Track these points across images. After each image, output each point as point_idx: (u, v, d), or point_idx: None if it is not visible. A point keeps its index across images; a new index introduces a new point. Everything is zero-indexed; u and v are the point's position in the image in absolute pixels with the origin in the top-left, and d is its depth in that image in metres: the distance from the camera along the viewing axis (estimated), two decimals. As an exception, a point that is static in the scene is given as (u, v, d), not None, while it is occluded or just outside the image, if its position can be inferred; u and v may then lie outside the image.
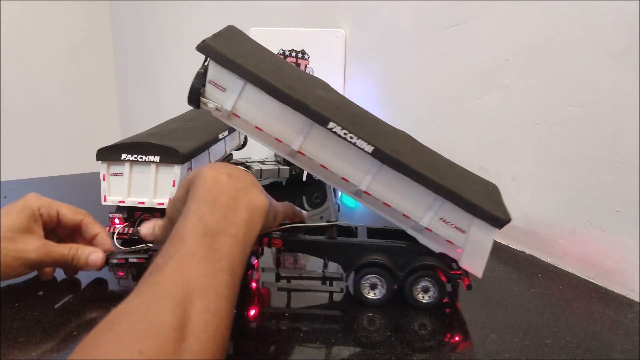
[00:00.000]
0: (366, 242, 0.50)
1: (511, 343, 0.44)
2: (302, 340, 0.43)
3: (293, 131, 0.46)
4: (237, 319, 0.44)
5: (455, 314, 0.48)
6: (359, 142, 0.45)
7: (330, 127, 0.45)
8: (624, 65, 0.52)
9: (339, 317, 0.47)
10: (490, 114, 0.71)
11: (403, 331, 0.45)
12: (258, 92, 0.45)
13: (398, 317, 0.47)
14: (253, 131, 0.48)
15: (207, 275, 0.32)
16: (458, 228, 0.47)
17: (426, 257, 0.49)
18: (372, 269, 0.48)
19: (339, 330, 0.45)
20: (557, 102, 0.60)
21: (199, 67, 0.47)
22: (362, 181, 0.47)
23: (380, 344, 0.43)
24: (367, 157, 0.45)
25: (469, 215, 0.46)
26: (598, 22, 0.55)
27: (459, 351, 0.43)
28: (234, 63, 0.45)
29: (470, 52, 0.73)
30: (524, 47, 0.64)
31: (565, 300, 0.53)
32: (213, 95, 0.47)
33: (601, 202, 0.56)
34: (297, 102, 0.45)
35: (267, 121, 0.47)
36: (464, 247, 0.47)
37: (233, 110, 0.47)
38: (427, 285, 0.48)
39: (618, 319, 0.49)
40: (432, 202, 0.46)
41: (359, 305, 0.49)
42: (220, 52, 0.45)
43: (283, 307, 0.49)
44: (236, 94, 0.46)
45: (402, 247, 0.49)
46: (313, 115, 0.45)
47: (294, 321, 0.46)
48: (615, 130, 0.54)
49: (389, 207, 0.48)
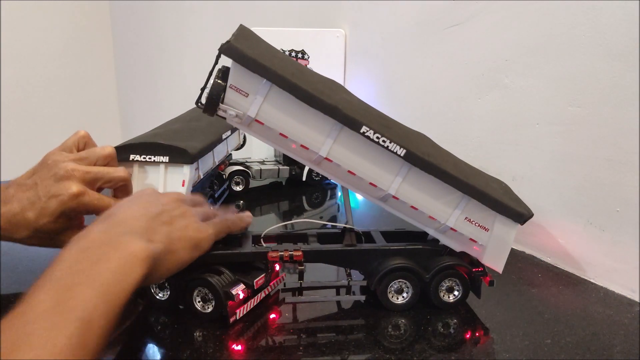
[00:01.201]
0: (389, 247, 0.49)
1: (511, 343, 0.44)
2: (326, 353, 0.42)
3: (321, 137, 0.44)
4: (260, 334, 0.44)
5: (468, 313, 0.48)
6: (391, 145, 0.43)
7: (362, 132, 0.43)
8: (624, 65, 0.52)
9: (362, 325, 0.47)
10: (490, 114, 0.71)
11: (424, 334, 0.45)
12: (285, 96, 0.42)
13: (420, 319, 0.47)
14: (276, 139, 0.45)
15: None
16: (482, 226, 0.47)
17: (448, 257, 0.49)
18: (398, 274, 0.47)
19: (365, 340, 0.44)
20: (557, 102, 0.60)
21: (213, 72, 0.44)
22: (391, 185, 0.46)
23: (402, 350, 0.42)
24: (396, 161, 0.45)
25: (493, 213, 0.46)
26: (598, 22, 0.55)
27: (458, 351, 0.43)
28: (262, 65, 0.41)
29: (470, 52, 0.73)
30: (524, 47, 0.64)
31: (565, 300, 0.53)
32: (234, 101, 0.43)
33: (601, 202, 0.56)
34: (328, 106, 0.43)
35: (294, 127, 0.44)
36: (487, 244, 0.48)
37: (256, 117, 0.44)
38: (451, 285, 0.48)
39: (618, 319, 0.49)
40: (458, 201, 0.46)
41: (376, 311, 0.48)
42: (246, 54, 0.41)
43: (305, 320, 0.47)
44: (261, 99, 0.43)
45: (426, 249, 0.49)
46: (344, 120, 0.43)
47: (315, 333, 0.45)
48: (615, 130, 0.54)
49: (415, 210, 0.47)
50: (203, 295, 0.45)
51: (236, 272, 0.46)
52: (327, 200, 0.91)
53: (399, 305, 0.48)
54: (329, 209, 0.87)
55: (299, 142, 0.45)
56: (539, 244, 0.64)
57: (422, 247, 0.49)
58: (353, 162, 0.45)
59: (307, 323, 0.47)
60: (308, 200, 0.90)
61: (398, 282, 0.48)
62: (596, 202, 0.56)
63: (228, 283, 0.45)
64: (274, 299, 0.50)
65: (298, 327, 0.46)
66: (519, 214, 0.46)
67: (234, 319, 0.45)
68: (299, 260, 0.47)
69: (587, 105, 0.57)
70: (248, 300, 0.46)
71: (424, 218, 0.48)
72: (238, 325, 0.45)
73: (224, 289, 0.44)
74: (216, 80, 0.43)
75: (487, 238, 0.47)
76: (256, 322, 0.46)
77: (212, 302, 0.45)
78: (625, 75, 0.52)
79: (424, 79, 0.84)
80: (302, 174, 0.93)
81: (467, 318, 0.48)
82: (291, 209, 0.89)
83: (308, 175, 0.94)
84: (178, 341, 0.43)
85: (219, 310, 0.44)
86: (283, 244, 0.50)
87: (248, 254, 0.47)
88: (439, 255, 0.49)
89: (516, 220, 0.46)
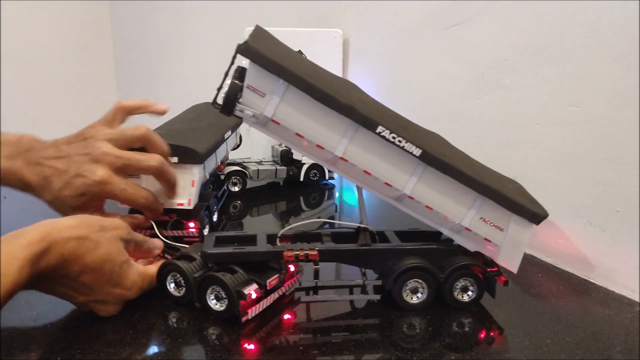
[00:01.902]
0: (405, 247, 0.49)
1: (511, 343, 0.44)
2: (341, 352, 0.42)
3: (337, 136, 0.44)
4: (274, 333, 0.44)
5: (479, 312, 0.48)
6: (407, 145, 0.44)
7: (378, 132, 0.43)
8: (624, 65, 0.52)
9: (376, 325, 0.47)
10: (490, 114, 0.71)
11: (440, 333, 0.45)
12: (301, 96, 0.43)
13: (434, 319, 0.47)
14: (292, 138, 0.45)
15: None
16: (496, 226, 0.47)
17: (463, 256, 0.49)
18: (413, 273, 0.47)
19: (379, 340, 0.44)
20: (557, 102, 0.60)
21: (229, 72, 0.44)
22: (407, 185, 0.46)
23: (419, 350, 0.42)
24: (412, 161, 0.45)
25: (508, 213, 0.46)
26: (598, 22, 0.54)
27: (457, 351, 0.43)
28: (279, 66, 0.42)
29: (470, 52, 0.73)
30: (524, 47, 0.64)
31: (565, 300, 0.53)
32: (251, 101, 0.43)
33: (601, 202, 0.56)
34: (344, 106, 0.43)
35: (310, 127, 0.44)
36: (502, 244, 0.48)
37: (273, 117, 0.44)
38: (465, 285, 0.48)
39: (618, 319, 0.49)
40: (473, 201, 0.47)
41: (391, 310, 0.48)
42: (264, 55, 0.42)
43: (320, 319, 0.47)
44: (277, 99, 0.43)
45: (440, 248, 0.49)
46: (361, 120, 0.43)
47: (330, 332, 0.45)
48: (615, 130, 0.54)
49: (430, 210, 0.47)
50: (216, 294, 0.45)
51: (250, 272, 0.46)
52: (324, 200, 0.91)
53: (414, 305, 0.48)
54: (326, 209, 0.87)
55: (314, 141, 0.45)
56: (539, 244, 0.64)
57: (436, 246, 0.49)
58: (368, 162, 0.45)
59: (321, 322, 0.47)
60: (306, 200, 0.90)
61: (413, 281, 0.48)
62: (596, 202, 0.56)
63: (241, 282, 0.45)
64: (289, 298, 0.50)
65: (313, 326, 0.46)
66: (534, 214, 0.46)
67: (246, 318, 0.45)
68: (314, 259, 0.47)
69: (587, 105, 0.57)
70: (260, 300, 0.46)
71: (438, 218, 0.48)
72: (252, 324, 0.45)
73: (237, 288, 0.44)
74: (234, 80, 0.43)
75: (502, 238, 0.48)
76: (270, 321, 0.46)
77: (224, 301, 0.45)
78: (625, 75, 0.52)
79: (424, 79, 0.84)
80: (300, 174, 0.93)
81: (466, 318, 0.48)
82: (289, 209, 0.89)
83: (305, 176, 0.94)
84: (189, 338, 0.43)
85: (232, 309, 0.44)
86: (297, 244, 0.50)
87: (263, 252, 0.47)
88: (454, 255, 0.49)
89: (531, 220, 0.47)
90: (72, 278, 0.41)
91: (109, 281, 0.42)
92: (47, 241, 0.38)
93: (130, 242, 0.47)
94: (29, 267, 0.36)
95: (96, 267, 0.41)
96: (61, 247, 0.39)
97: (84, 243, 0.41)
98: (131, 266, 0.45)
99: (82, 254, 0.40)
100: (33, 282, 0.38)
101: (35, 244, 0.37)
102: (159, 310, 0.47)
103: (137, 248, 0.48)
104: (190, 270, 0.46)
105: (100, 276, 0.42)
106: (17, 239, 0.37)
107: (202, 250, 0.47)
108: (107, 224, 0.44)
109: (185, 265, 0.47)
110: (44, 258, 0.38)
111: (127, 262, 0.44)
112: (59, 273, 0.40)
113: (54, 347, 0.41)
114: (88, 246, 0.41)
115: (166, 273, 0.48)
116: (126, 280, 0.44)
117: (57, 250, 0.39)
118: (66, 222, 0.41)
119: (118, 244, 0.44)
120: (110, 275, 0.42)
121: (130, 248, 0.47)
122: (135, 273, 0.45)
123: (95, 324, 0.44)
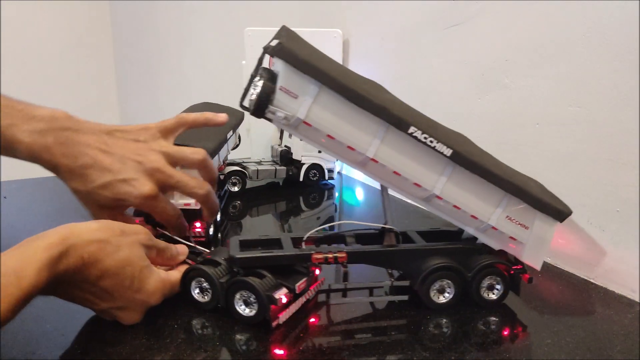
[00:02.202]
0: (432, 247, 0.49)
1: (511, 343, 0.44)
2: (370, 354, 0.42)
3: (369, 137, 0.44)
4: (302, 336, 0.44)
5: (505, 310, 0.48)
6: (438, 145, 0.44)
7: (410, 132, 0.43)
8: (624, 65, 0.52)
9: (404, 325, 0.46)
10: (490, 114, 0.71)
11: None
12: (334, 97, 0.42)
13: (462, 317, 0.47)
14: (323, 140, 0.45)
15: None
16: (522, 224, 0.48)
17: (487, 255, 0.49)
18: (442, 273, 0.47)
19: (407, 341, 0.44)
20: (557, 102, 0.60)
21: (256, 73, 0.43)
22: (436, 185, 0.46)
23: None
24: (442, 161, 0.45)
25: (533, 211, 0.47)
26: (598, 22, 0.54)
27: (457, 351, 0.42)
28: (313, 67, 0.41)
29: (470, 52, 0.73)
30: (524, 47, 0.64)
31: (565, 300, 0.53)
32: (284, 103, 0.42)
33: (601, 202, 0.56)
34: (377, 107, 0.43)
35: (342, 128, 0.44)
36: (526, 242, 0.48)
37: (305, 119, 0.43)
38: (492, 283, 0.49)
39: (618, 319, 0.49)
40: (500, 200, 0.47)
41: (418, 310, 0.48)
42: (299, 56, 0.41)
43: (348, 321, 0.47)
44: (310, 100, 0.43)
45: (466, 247, 0.50)
46: (393, 120, 0.43)
47: (358, 334, 0.45)
48: (615, 130, 0.54)
49: (457, 210, 0.47)
50: (245, 299, 0.44)
51: (277, 276, 0.45)
52: (324, 200, 0.91)
53: (442, 305, 0.48)
54: (326, 209, 0.87)
55: (346, 143, 0.44)
56: (539, 244, 0.64)
57: (462, 246, 0.50)
58: (399, 163, 0.45)
59: (349, 324, 0.46)
60: (305, 200, 0.90)
61: (440, 281, 0.48)
62: (596, 202, 0.56)
63: (270, 287, 0.44)
64: (313, 302, 0.50)
65: (341, 328, 0.46)
66: (559, 211, 0.47)
67: (276, 323, 0.44)
68: (343, 261, 0.47)
69: (587, 105, 0.57)
70: (290, 305, 0.45)
71: (465, 217, 0.48)
72: (280, 328, 0.44)
73: (267, 293, 0.43)
74: (266, 82, 0.42)
75: (526, 236, 0.48)
76: (299, 325, 0.45)
77: (254, 306, 0.44)
78: (625, 75, 0.52)
79: (424, 79, 0.84)
80: (300, 175, 0.93)
81: (466, 318, 0.48)
82: (289, 209, 0.89)
83: (305, 176, 0.93)
84: (217, 344, 0.42)
85: (262, 314, 0.43)
86: (321, 246, 0.49)
87: (292, 256, 0.47)
88: (479, 254, 0.49)
89: (556, 217, 0.47)
90: (92, 282, 0.40)
91: (130, 287, 0.41)
92: (66, 244, 0.37)
93: (152, 248, 0.45)
94: (48, 270, 0.36)
95: (116, 271, 0.40)
96: (81, 250, 0.38)
97: (104, 247, 0.40)
98: (152, 272, 0.44)
99: (102, 257, 0.39)
100: (52, 287, 0.37)
101: (55, 246, 0.36)
102: (182, 316, 0.46)
103: (159, 254, 0.47)
104: (217, 275, 0.45)
105: (120, 281, 0.41)
106: (36, 241, 0.36)
107: (230, 255, 0.46)
108: (128, 228, 0.44)
109: (212, 270, 0.45)
110: (63, 261, 0.37)
111: (148, 267, 0.43)
112: (78, 277, 0.39)
113: (74, 351, 0.40)
114: (108, 250, 0.40)
115: (190, 278, 0.47)
116: (147, 286, 0.43)
117: (77, 253, 0.38)
118: (87, 226, 0.40)
119: (139, 249, 0.43)
120: (131, 281, 0.41)
121: (152, 254, 0.45)
122: (157, 279, 0.44)
123: (116, 331, 0.43)
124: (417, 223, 0.51)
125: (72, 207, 0.53)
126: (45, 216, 0.76)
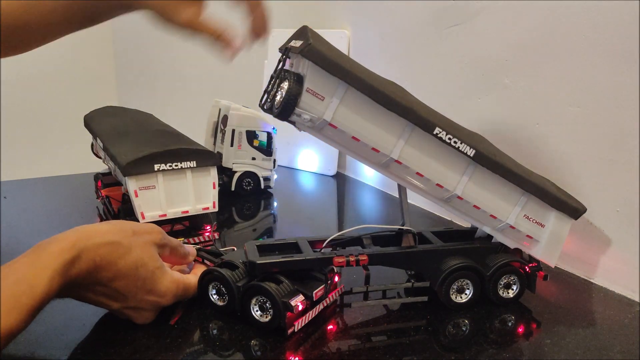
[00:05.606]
0: (450, 247, 0.49)
1: (511, 343, 0.44)
2: (392, 355, 0.42)
3: (394, 138, 0.44)
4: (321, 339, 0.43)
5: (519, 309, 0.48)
6: (462, 146, 0.44)
7: (435, 133, 0.43)
8: (624, 65, 0.52)
9: (424, 326, 0.47)
10: (490, 114, 0.71)
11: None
12: (361, 98, 0.42)
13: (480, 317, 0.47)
14: (347, 142, 0.44)
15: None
16: (538, 222, 0.48)
17: (503, 254, 0.50)
18: (462, 273, 0.48)
19: (428, 341, 0.44)
20: (557, 102, 0.60)
21: (277, 75, 0.42)
22: (457, 186, 0.46)
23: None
24: (465, 161, 0.45)
25: (550, 209, 0.48)
26: (598, 22, 0.54)
27: (456, 350, 0.43)
28: (342, 68, 0.40)
29: (470, 52, 0.73)
30: (524, 47, 0.64)
31: (565, 300, 0.53)
32: (310, 105, 0.41)
33: (601, 202, 0.56)
34: (404, 108, 0.43)
35: (367, 129, 0.43)
36: (542, 239, 0.49)
37: (331, 121, 0.42)
38: (508, 281, 0.49)
39: (618, 319, 0.49)
40: (518, 199, 0.47)
41: (437, 310, 0.48)
42: (328, 57, 0.40)
43: (368, 323, 0.47)
44: (337, 102, 0.42)
45: (483, 247, 0.50)
46: (419, 121, 0.43)
47: (378, 336, 0.45)
48: (615, 130, 0.54)
49: (477, 210, 0.48)
50: (261, 304, 0.43)
51: (294, 282, 0.44)
52: (260, 211, 0.83)
53: (462, 305, 0.48)
54: (263, 220, 0.80)
55: (371, 144, 0.44)
56: (539, 244, 0.64)
57: (479, 245, 0.50)
58: (422, 163, 0.45)
59: (370, 327, 0.46)
60: (239, 212, 0.82)
61: (460, 281, 0.48)
62: (596, 202, 0.56)
63: (287, 293, 0.43)
64: (333, 308, 0.49)
65: (358, 332, 0.46)
66: (574, 209, 0.48)
67: (292, 330, 0.43)
68: (364, 264, 0.47)
69: (587, 105, 0.57)
70: (306, 312, 0.45)
71: (484, 217, 0.48)
72: (297, 335, 0.44)
73: (283, 299, 0.42)
74: (293, 83, 0.41)
75: (542, 234, 0.49)
76: (316, 331, 0.45)
77: (269, 312, 0.43)
78: (625, 75, 0.52)
79: (424, 79, 0.84)
80: (231, 184, 0.84)
81: (466, 318, 0.48)
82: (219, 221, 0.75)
83: (237, 185, 0.85)
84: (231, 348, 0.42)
85: (277, 321, 0.43)
86: (341, 249, 0.49)
87: (313, 260, 0.46)
88: (495, 253, 0.50)
89: (571, 215, 0.48)
90: (104, 284, 0.40)
91: (142, 287, 0.41)
92: (77, 248, 0.37)
93: (165, 247, 0.45)
94: (60, 276, 0.36)
95: (129, 272, 0.40)
96: (93, 254, 0.38)
97: (116, 249, 0.40)
98: (165, 272, 0.44)
99: (114, 259, 0.39)
100: (66, 290, 0.37)
101: (66, 251, 0.36)
102: (198, 320, 0.46)
103: (172, 253, 0.47)
104: (234, 279, 0.45)
105: (132, 282, 0.41)
106: (49, 246, 0.36)
107: (250, 259, 0.45)
108: (140, 228, 0.43)
109: (229, 274, 0.45)
110: (75, 265, 0.37)
111: (161, 268, 0.43)
112: (90, 280, 0.39)
113: (74, 351, 0.40)
114: (120, 251, 0.40)
115: (208, 281, 0.46)
116: (160, 287, 0.43)
117: (89, 256, 0.38)
118: (98, 228, 0.41)
119: (151, 249, 0.43)
120: (143, 281, 0.41)
121: (165, 253, 0.45)
122: (170, 280, 0.44)
123: (117, 331, 0.43)
124: (417, 223, 0.51)
125: (72, 207, 0.53)
126: (46, 216, 0.76)
